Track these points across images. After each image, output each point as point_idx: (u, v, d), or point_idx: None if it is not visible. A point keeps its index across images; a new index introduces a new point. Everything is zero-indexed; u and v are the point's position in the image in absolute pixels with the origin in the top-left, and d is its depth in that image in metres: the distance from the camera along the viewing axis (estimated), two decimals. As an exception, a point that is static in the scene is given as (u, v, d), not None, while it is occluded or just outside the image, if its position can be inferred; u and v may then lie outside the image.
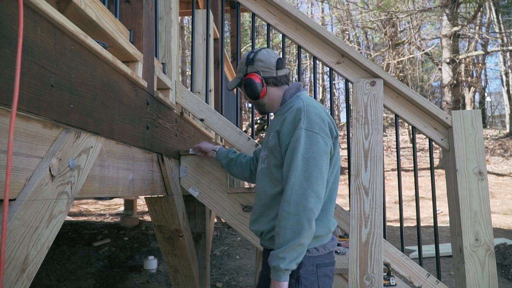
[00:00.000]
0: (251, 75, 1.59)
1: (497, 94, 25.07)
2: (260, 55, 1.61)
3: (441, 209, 7.81)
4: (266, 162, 1.56)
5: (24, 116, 0.89)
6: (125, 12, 1.66)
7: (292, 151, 1.39)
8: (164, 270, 4.47)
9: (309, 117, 1.41)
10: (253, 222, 1.59)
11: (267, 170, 1.54)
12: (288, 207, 1.34)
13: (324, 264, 1.47)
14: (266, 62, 1.60)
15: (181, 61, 18.36)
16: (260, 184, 1.57)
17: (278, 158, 1.48)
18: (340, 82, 19.66)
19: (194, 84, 2.51)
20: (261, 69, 1.60)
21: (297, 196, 1.34)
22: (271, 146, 1.51)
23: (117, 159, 1.41)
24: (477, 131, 2.00)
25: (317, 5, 22.69)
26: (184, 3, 5.27)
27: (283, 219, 1.34)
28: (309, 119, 1.41)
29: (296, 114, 1.43)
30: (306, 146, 1.38)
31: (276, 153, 1.49)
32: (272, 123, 1.60)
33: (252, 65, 1.61)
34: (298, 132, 1.40)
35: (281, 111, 1.58)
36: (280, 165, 1.47)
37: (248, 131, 11.20)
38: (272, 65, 1.60)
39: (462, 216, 1.93)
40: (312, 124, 1.40)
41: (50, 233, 0.99)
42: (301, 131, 1.39)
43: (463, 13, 14.46)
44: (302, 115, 1.41)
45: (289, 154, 1.41)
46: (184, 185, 2.12)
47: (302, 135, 1.39)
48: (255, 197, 1.61)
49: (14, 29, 0.82)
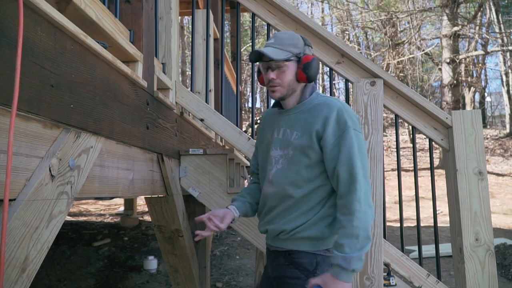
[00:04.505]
0: (314, 58, 1.49)
1: (497, 94, 25.07)
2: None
3: (441, 209, 7.81)
4: (281, 162, 1.49)
5: (24, 116, 0.89)
6: (125, 12, 1.66)
7: (348, 150, 1.39)
8: (164, 270, 4.47)
9: (351, 117, 1.44)
10: (269, 222, 1.52)
11: (288, 171, 1.47)
12: (360, 207, 1.34)
13: None
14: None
15: (181, 61, 18.36)
16: (279, 186, 1.48)
17: (313, 158, 1.43)
18: (340, 82, 19.65)
19: (194, 84, 2.51)
20: None
21: (365, 195, 1.36)
22: (303, 145, 1.44)
23: (117, 159, 1.41)
24: (477, 131, 2.00)
25: (317, 5, 22.70)
26: (184, 3, 5.27)
27: (357, 219, 1.33)
28: (351, 118, 1.43)
29: (339, 114, 1.42)
30: (358, 145, 1.40)
31: (310, 153, 1.43)
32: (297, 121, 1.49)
33: (311, 49, 1.55)
34: (349, 132, 1.41)
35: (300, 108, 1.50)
36: (313, 165, 1.44)
37: (248, 131, 11.20)
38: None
39: (462, 216, 1.93)
40: (356, 124, 1.44)
41: (50, 233, 0.99)
42: (351, 131, 1.41)
43: (463, 13, 14.45)
44: (346, 115, 1.42)
45: (345, 154, 1.39)
46: (184, 185, 2.12)
47: (353, 135, 1.41)
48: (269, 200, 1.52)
49: (14, 29, 0.82)
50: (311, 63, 1.48)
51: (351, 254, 1.30)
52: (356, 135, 1.42)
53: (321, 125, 1.43)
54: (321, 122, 1.43)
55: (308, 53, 1.52)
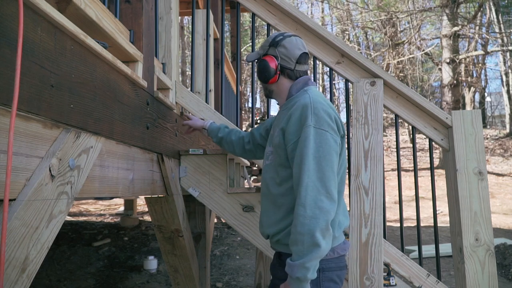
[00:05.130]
0: (268, 58, 1.51)
1: (497, 94, 25.06)
2: (287, 42, 1.51)
3: (441, 209, 7.81)
4: (271, 159, 1.50)
5: (24, 116, 0.89)
6: (125, 12, 1.66)
7: (301, 150, 1.32)
8: (164, 270, 4.47)
9: (316, 113, 1.34)
10: (260, 224, 1.54)
11: (272, 168, 1.48)
12: (303, 211, 1.26)
13: (330, 269, 1.40)
14: (289, 51, 1.50)
15: (181, 61, 18.35)
16: (265, 181, 1.51)
17: (283, 158, 1.42)
18: (340, 82, 19.66)
19: (194, 84, 2.51)
20: (280, 56, 1.50)
21: (312, 199, 1.27)
22: (276, 144, 1.45)
23: (117, 159, 1.41)
24: (477, 131, 2.00)
25: (317, 5, 22.70)
26: (184, 3, 5.27)
27: (300, 224, 1.26)
28: (317, 116, 1.34)
29: (303, 111, 1.36)
30: (316, 144, 1.31)
31: (280, 151, 1.42)
32: (278, 119, 1.52)
33: (275, 48, 1.51)
34: (306, 130, 1.33)
35: (286, 105, 1.50)
36: (285, 165, 1.41)
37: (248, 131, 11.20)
38: (294, 57, 1.50)
39: (462, 216, 1.93)
40: (321, 121, 1.34)
41: (50, 233, 0.99)
42: (310, 129, 1.32)
43: (463, 13, 14.45)
44: (309, 112, 1.34)
45: (298, 154, 1.33)
46: (184, 185, 2.12)
47: (311, 133, 1.32)
48: (261, 197, 1.55)
49: (14, 29, 0.82)
50: (260, 63, 1.52)
51: (294, 261, 1.26)
52: (317, 133, 1.32)
53: (285, 123, 1.41)
54: (286, 119, 1.42)
55: (271, 53, 1.52)
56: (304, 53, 1.54)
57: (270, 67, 1.50)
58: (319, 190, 1.28)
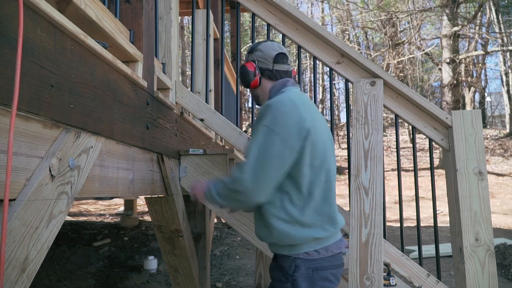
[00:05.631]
0: (247, 63, 1.58)
1: (497, 94, 25.06)
2: (262, 46, 1.59)
3: (441, 209, 7.81)
4: None
5: (24, 116, 0.89)
6: (125, 12, 1.66)
7: (250, 144, 1.39)
8: (164, 270, 4.47)
9: (273, 114, 1.36)
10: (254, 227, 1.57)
11: None
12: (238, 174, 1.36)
13: (323, 267, 1.41)
14: (265, 53, 1.57)
15: (181, 61, 18.35)
16: None
17: None
18: (340, 82, 19.64)
19: (194, 84, 2.51)
20: (257, 59, 1.58)
21: (250, 177, 1.34)
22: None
23: (117, 159, 1.41)
24: (477, 131, 2.00)
25: (317, 5, 22.69)
26: (184, 3, 5.27)
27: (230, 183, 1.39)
28: (272, 116, 1.36)
29: (263, 110, 1.41)
30: (263, 143, 1.35)
31: None
32: None
33: (252, 54, 1.60)
34: (259, 127, 1.38)
35: None
36: None
37: (248, 131, 11.20)
38: (270, 57, 1.56)
39: (462, 216, 1.92)
40: (275, 122, 1.35)
41: (50, 233, 0.99)
42: (261, 128, 1.37)
43: (463, 13, 14.45)
44: (268, 112, 1.38)
45: (248, 147, 1.40)
46: (184, 185, 2.12)
47: (262, 132, 1.36)
48: None
49: (14, 29, 0.82)
50: (240, 70, 1.59)
51: (213, 188, 1.47)
52: (266, 133, 1.35)
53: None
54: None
55: (250, 59, 1.60)
56: (281, 53, 1.58)
57: (249, 70, 1.56)
58: (252, 167, 1.35)
